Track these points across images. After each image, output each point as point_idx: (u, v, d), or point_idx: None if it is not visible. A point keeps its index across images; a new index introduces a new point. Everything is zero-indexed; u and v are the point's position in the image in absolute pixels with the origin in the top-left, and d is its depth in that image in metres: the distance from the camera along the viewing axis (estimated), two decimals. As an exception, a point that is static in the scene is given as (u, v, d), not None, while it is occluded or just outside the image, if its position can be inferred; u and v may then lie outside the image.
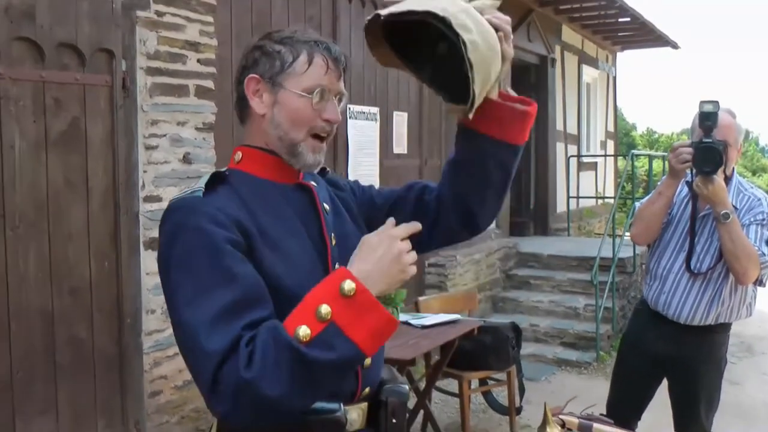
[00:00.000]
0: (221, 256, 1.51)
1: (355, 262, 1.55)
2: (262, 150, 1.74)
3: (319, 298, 1.47)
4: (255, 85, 1.72)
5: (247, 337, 1.44)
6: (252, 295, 1.51)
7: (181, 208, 1.60)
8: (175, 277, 1.53)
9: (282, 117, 1.70)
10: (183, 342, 1.51)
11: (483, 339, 5.12)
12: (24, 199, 3.60)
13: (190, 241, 1.53)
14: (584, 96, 13.02)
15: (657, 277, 3.62)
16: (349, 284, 1.46)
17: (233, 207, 1.61)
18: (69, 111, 3.79)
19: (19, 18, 3.54)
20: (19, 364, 3.59)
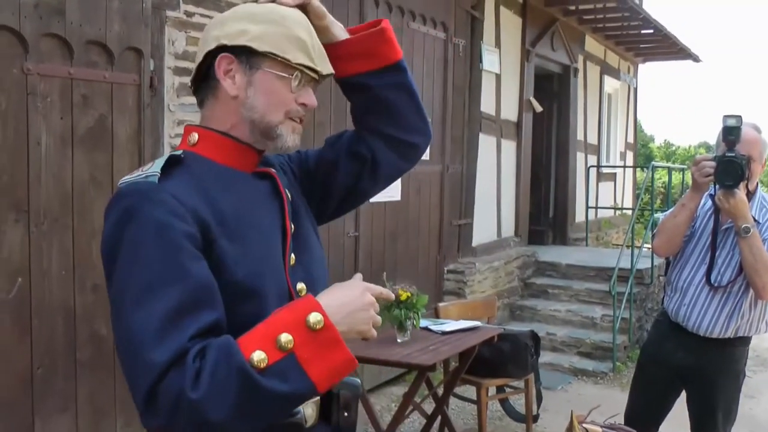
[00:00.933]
0: (173, 251, 1.41)
1: (323, 296, 1.48)
2: (222, 134, 1.62)
3: (281, 325, 1.40)
4: (227, 65, 1.59)
5: (194, 351, 1.34)
6: (202, 296, 1.41)
7: (133, 193, 1.46)
8: (122, 270, 1.42)
9: (258, 99, 1.60)
10: (123, 342, 1.40)
11: (502, 346, 5.10)
12: (49, 195, 3.62)
13: (140, 232, 1.41)
14: (605, 106, 12.96)
15: (678, 289, 3.61)
16: (316, 317, 1.40)
17: (190, 194, 1.50)
18: (96, 108, 3.81)
19: (49, 14, 3.56)
20: (40, 360, 3.61)
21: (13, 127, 3.46)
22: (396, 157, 1.85)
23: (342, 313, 1.46)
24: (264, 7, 1.64)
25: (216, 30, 1.62)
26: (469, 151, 8.15)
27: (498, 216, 8.98)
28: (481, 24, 8.15)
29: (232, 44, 1.58)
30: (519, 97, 9.32)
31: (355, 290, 1.51)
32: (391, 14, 6.52)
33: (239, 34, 1.58)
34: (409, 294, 4.51)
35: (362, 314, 1.49)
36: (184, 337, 1.35)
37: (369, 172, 1.84)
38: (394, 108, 1.81)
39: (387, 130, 1.82)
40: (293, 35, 1.60)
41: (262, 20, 1.60)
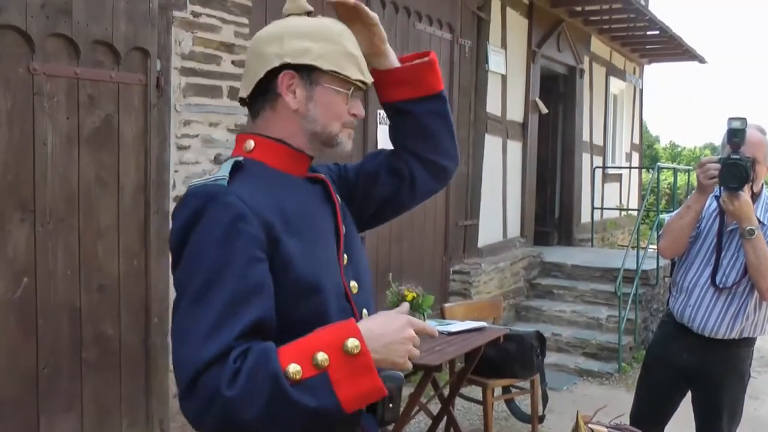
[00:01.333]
0: (233, 253, 1.51)
1: (365, 322, 1.55)
2: (278, 141, 1.73)
3: (320, 343, 1.47)
4: (289, 81, 1.70)
5: (237, 351, 1.44)
6: (254, 297, 1.51)
7: (202, 195, 1.57)
8: (186, 267, 1.54)
9: (318, 112, 1.72)
10: (177, 332, 1.51)
11: (507, 347, 5.08)
12: (55, 195, 3.62)
13: (206, 233, 1.53)
14: (611, 107, 12.95)
15: (683, 290, 3.61)
16: (354, 342, 1.47)
17: (256, 195, 1.60)
18: (102, 108, 3.81)
19: (56, 14, 3.57)
20: (46, 360, 3.61)
21: (20, 126, 3.46)
22: (429, 177, 1.98)
23: (380, 342, 1.52)
24: (316, 24, 1.74)
25: (274, 47, 1.71)
26: (475, 152, 8.15)
27: (504, 217, 8.97)
28: (487, 25, 8.15)
29: (297, 62, 1.68)
30: (525, 98, 9.31)
31: (396, 322, 1.56)
32: (397, 15, 6.52)
33: (303, 53, 1.69)
34: (414, 294, 4.51)
35: (399, 347, 1.54)
36: (231, 335, 1.45)
37: (408, 188, 1.97)
38: (431, 133, 1.95)
39: (424, 153, 1.95)
40: (348, 52, 1.73)
41: (320, 38, 1.71)
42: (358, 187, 1.96)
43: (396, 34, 6.49)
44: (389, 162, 1.97)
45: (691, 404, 3.72)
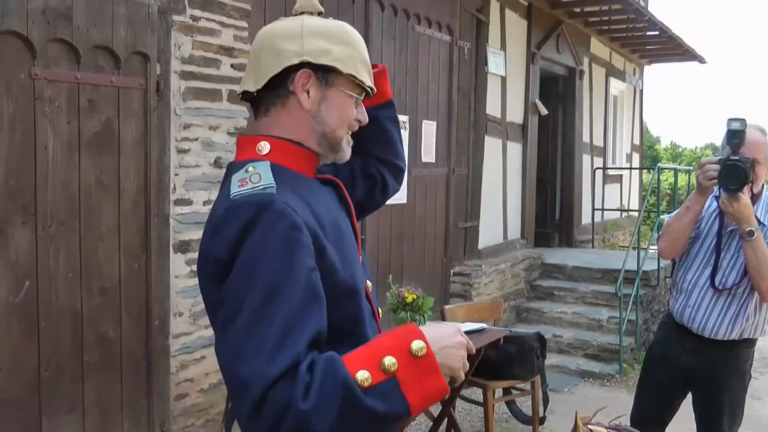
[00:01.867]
0: (292, 264, 1.48)
1: (424, 328, 1.55)
2: (292, 142, 1.71)
3: (387, 348, 1.48)
4: (305, 79, 1.69)
5: (306, 363, 1.42)
6: (315, 308, 1.50)
7: (254, 204, 1.52)
8: (241, 280, 1.49)
9: (329, 114, 1.72)
10: (235, 351, 1.46)
11: (508, 348, 5.10)
12: (56, 198, 3.63)
13: (263, 243, 1.49)
14: (611, 108, 12.96)
15: (682, 291, 3.62)
16: (419, 344, 1.47)
17: (298, 204, 1.57)
18: (103, 113, 3.83)
19: (56, 19, 3.58)
20: (47, 363, 3.62)
21: (21, 131, 3.48)
22: (392, 178, 2.11)
23: (438, 345, 1.52)
24: (333, 26, 1.74)
25: (293, 44, 1.68)
26: (475, 153, 8.16)
27: (504, 218, 8.98)
28: (486, 27, 8.17)
29: (317, 62, 1.68)
30: (524, 99, 9.33)
31: (450, 329, 1.58)
32: (396, 17, 6.53)
33: (323, 53, 1.68)
34: (415, 296, 4.52)
35: (455, 351, 1.55)
36: (298, 348, 1.43)
37: (380, 190, 2.08)
38: (390, 137, 2.09)
39: (386, 155, 2.08)
40: (362, 57, 1.75)
41: (339, 41, 1.71)
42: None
43: (395, 36, 6.51)
44: (361, 167, 2.04)
45: (692, 405, 3.72)
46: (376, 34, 6.25)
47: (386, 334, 1.53)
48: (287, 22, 1.74)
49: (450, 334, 1.56)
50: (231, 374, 1.46)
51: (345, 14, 5.84)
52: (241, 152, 1.72)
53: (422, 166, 7.03)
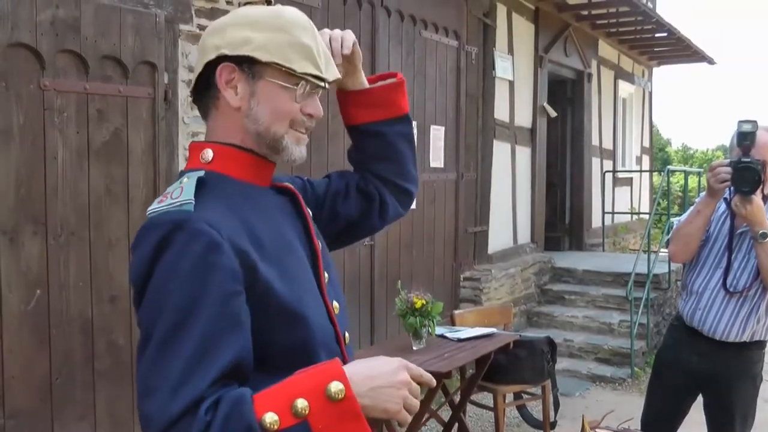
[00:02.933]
0: (205, 289, 1.35)
1: (352, 364, 1.39)
2: (239, 148, 1.55)
3: (301, 389, 1.32)
4: (228, 75, 1.52)
5: (208, 403, 1.29)
6: (228, 336, 1.35)
7: (166, 224, 1.38)
8: (152, 306, 1.37)
9: (261, 110, 1.54)
10: (142, 383, 1.34)
11: (518, 353, 5.10)
12: (66, 208, 3.67)
13: (174, 267, 1.36)
14: (620, 111, 12.94)
15: (693, 293, 3.61)
16: (337, 386, 1.31)
17: (225, 219, 1.43)
18: (111, 122, 3.86)
19: (65, 31, 3.62)
20: (59, 370, 3.65)
21: (31, 141, 3.52)
22: (395, 201, 1.90)
23: (368, 385, 1.35)
24: (267, 12, 1.56)
25: (216, 38, 1.54)
26: (484, 158, 8.16)
27: (514, 222, 8.98)
28: (493, 31, 8.17)
29: (234, 54, 1.51)
30: (533, 103, 9.32)
31: (388, 365, 1.39)
32: (403, 23, 6.55)
33: (242, 43, 1.51)
34: (424, 301, 4.53)
35: (391, 391, 1.37)
36: (203, 384, 1.30)
37: (378, 212, 1.88)
38: (399, 156, 1.88)
39: (391, 176, 1.87)
40: (298, 42, 1.54)
41: (266, 27, 1.53)
42: (325, 205, 1.82)
43: (402, 42, 6.52)
44: (358, 183, 1.86)
45: (703, 408, 3.71)
46: (383, 40, 6.27)
47: (307, 371, 1.35)
48: (224, 17, 1.61)
49: (387, 372, 1.37)
50: (138, 408, 1.36)
51: (352, 21, 5.87)
52: (190, 160, 1.59)
53: (430, 171, 7.04)
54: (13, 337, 3.46)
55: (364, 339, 6.13)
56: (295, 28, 1.55)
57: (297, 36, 1.54)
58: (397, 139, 1.86)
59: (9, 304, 3.45)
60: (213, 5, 4.41)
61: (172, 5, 4.17)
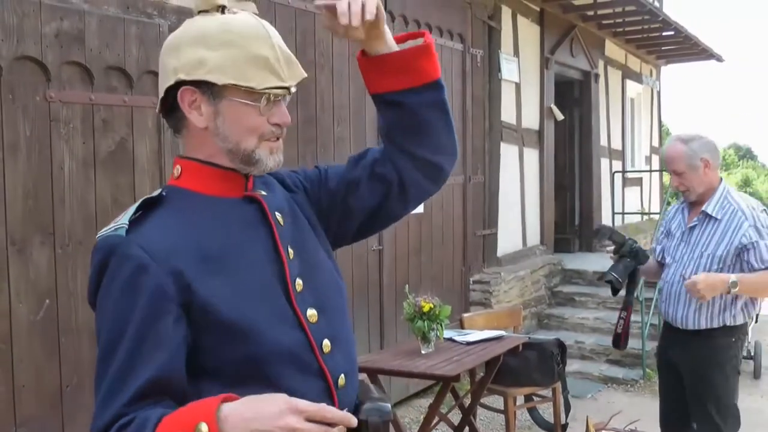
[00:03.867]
0: (131, 310, 1.40)
1: (243, 401, 1.34)
2: (203, 162, 1.56)
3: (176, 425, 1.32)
4: (191, 97, 1.52)
5: (124, 420, 1.35)
6: (149, 354, 1.38)
7: (104, 248, 1.45)
8: (97, 325, 1.46)
9: (228, 128, 1.53)
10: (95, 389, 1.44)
11: (528, 355, 5.10)
12: (73, 217, 3.70)
13: (108, 290, 1.43)
14: (628, 111, 12.91)
15: (663, 290, 3.93)
16: (205, 428, 1.28)
17: (165, 237, 1.46)
18: (117, 132, 3.89)
19: (70, 42, 3.65)
20: (69, 378, 3.68)
21: (38, 152, 3.55)
22: (422, 177, 1.75)
23: (244, 428, 1.29)
24: (216, 26, 1.51)
25: (172, 59, 1.53)
26: (491, 161, 8.17)
27: (523, 225, 8.97)
28: (498, 34, 8.18)
29: (191, 78, 1.50)
30: (540, 105, 9.32)
31: (275, 406, 1.31)
32: (407, 27, 6.56)
33: (196, 66, 1.49)
34: (431, 305, 4.53)
35: (273, 421, 1.29)
36: (119, 403, 1.36)
37: (397, 194, 1.74)
38: (428, 127, 1.70)
39: (417, 150, 1.71)
40: (253, 55, 1.50)
41: (218, 43, 1.49)
42: (338, 197, 1.75)
43: (407, 47, 6.52)
44: (372, 167, 1.74)
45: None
46: (387, 45, 6.25)
47: (189, 407, 1.35)
48: (178, 30, 1.58)
49: (269, 415, 1.29)
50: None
51: (356, 27, 5.87)
52: (170, 177, 1.63)
53: (438, 175, 7.02)
54: (23, 346, 3.49)
55: (374, 343, 6.13)
56: (246, 40, 1.51)
57: (250, 49, 1.50)
58: (425, 108, 1.68)
59: (18, 314, 3.48)
60: (217, 14, 4.42)
61: (176, 15, 4.20)
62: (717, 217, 3.68)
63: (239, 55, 1.49)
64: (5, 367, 3.43)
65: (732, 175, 25.02)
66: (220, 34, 1.50)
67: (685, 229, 3.82)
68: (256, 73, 1.50)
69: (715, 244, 3.66)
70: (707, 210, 3.71)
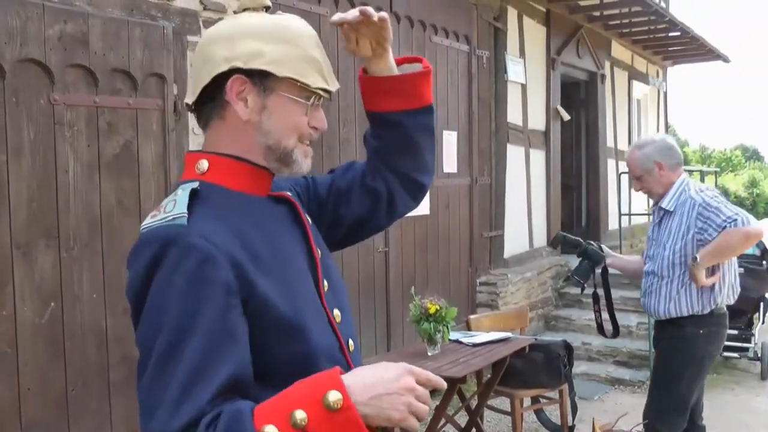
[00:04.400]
0: (204, 304, 1.33)
1: (352, 373, 1.35)
2: (236, 158, 1.54)
3: (297, 400, 1.28)
4: (239, 87, 1.50)
5: (208, 418, 1.27)
6: (226, 352, 1.34)
7: (159, 239, 1.37)
8: (149, 325, 1.35)
9: (272, 124, 1.52)
10: (144, 403, 1.33)
11: (534, 357, 5.08)
12: (78, 220, 3.69)
13: (168, 284, 1.34)
14: (635, 112, 12.89)
15: (642, 286, 4.15)
16: (335, 396, 1.26)
17: (219, 231, 1.41)
18: (122, 134, 3.88)
19: (73, 45, 3.65)
20: (74, 382, 3.67)
21: (42, 156, 3.54)
22: (406, 194, 1.81)
23: (368, 394, 1.30)
24: (274, 23, 1.54)
25: (223, 49, 1.51)
26: (498, 162, 8.15)
27: (529, 226, 8.95)
28: (504, 35, 8.17)
29: (248, 67, 1.49)
30: (546, 106, 9.30)
31: (390, 371, 1.34)
32: (413, 29, 6.56)
33: (254, 56, 1.49)
34: (437, 307, 4.52)
35: (394, 399, 1.31)
36: (204, 400, 1.28)
37: (386, 208, 1.80)
38: (417, 148, 1.77)
39: (405, 169, 1.77)
40: (308, 56, 1.53)
41: (276, 39, 1.51)
42: (328, 205, 1.77)
43: (412, 48, 6.53)
44: (363, 179, 1.78)
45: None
46: (393, 46, 6.22)
47: (305, 381, 1.32)
48: (223, 23, 1.58)
49: (389, 379, 1.32)
50: (141, 428, 1.33)
51: (361, 28, 5.86)
52: (185, 171, 1.57)
53: (444, 177, 7.03)
54: (28, 349, 3.49)
55: (381, 345, 6.12)
56: (304, 41, 1.54)
57: (307, 49, 1.54)
58: (418, 131, 1.75)
59: (23, 317, 3.47)
60: (221, 16, 4.43)
61: (180, 17, 4.20)
62: (671, 209, 3.95)
63: (296, 53, 1.52)
64: (10, 370, 3.43)
65: (738, 176, 25.04)
66: (277, 31, 1.52)
67: (653, 227, 4.12)
68: (310, 73, 1.53)
69: (674, 234, 3.92)
70: (662, 205, 3.99)
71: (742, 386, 7.18)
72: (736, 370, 7.75)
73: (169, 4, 4.15)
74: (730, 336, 7.64)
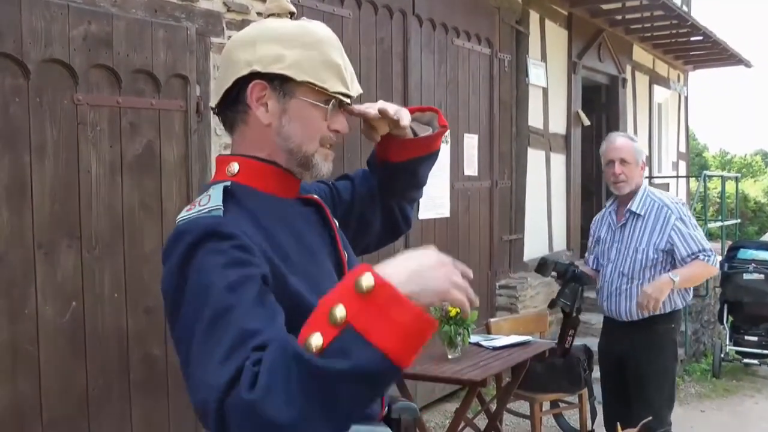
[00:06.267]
0: (242, 281, 1.33)
1: (388, 261, 1.29)
2: (264, 161, 1.57)
3: (333, 298, 1.22)
4: (260, 92, 1.53)
5: (254, 358, 1.22)
6: (267, 319, 1.32)
7: (196, 229, 1.39)
8: (188, 314, 1.35)
9: (293, 128, 1.55)
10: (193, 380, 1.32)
11: (554, 361, 5.06)
12: (100, 221, 3.70)
13: (208, 264, 1.35)
14: (655, 116, 12.82)
15: (602, 289, 4.25)
16: (368, 279, 1.20)
17: (253, 234, 1.43)
18: (144, 135, 3.90)
19: (97, 46, 3.66)
20: (95, 382, 3.68)
21: (65, 156, 3.55)
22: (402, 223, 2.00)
23: (407, 271, 1.25)
24: (296, 28, 1.57)
25: (245, 53, 1.54)
26: (518, 166, 8.13)
27: (549, 230, 8.92)
28: (526, 38, 8.15)
29: (267, 71, 1.52)
30: (567, 110, 9.27)
31: (429, 258, 1.29)
32: (435, 31, 6.54)
33: (274, 60, 1.51)
34: (458, 310, 4.51)
35: (435, 271, 1.26)
36: (246, 351, 1.24)
37: (391, 227, 1.97)
38: (422, 181, 1.94)
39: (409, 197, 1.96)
40: (329, 60, 1.55)
41: (296, 44, 1.53)
42: (353, 211, 1.83)
43: (434, 51, 6.52)
44: (381, 195, 1.91)
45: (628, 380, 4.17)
46: (415, 48, 6.26)
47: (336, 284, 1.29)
48: (249, 28, 1.61)
49: (422, 255, 1.28)
50: (194, 406, 1.31)
51: (383, 29, 5.87)
52: (216, 173, 1.62)
53: (464, 180, 7.02)
54: (49, 348, 3.50)
55: (399, 348, 6.10)
56: (325, 46, 1.56)
57: (327, 54, 1.56)
58: (424, 172, 1.90)
59: (45, 317, 3.48)
60: (244, 17, 4.44)
61: (203, 18, 4.21)
62: (641, 213, 4.07)
63: (316, 58, 1.54)
64: (32, 369, 3.44)
65: (759, 181, 24.81)
66: (298, 36, 1.55)
67: (615, 229, 4.18)
68: (330, 77, 1.55)
69: (647, 239, 4.04)
70: (632, 209, 4.09)
71: (762, 393, 7.11)
72: (757, 377, 7.69)
73: (193, 6, 4.16)
74: (750, 343, 7.59)
